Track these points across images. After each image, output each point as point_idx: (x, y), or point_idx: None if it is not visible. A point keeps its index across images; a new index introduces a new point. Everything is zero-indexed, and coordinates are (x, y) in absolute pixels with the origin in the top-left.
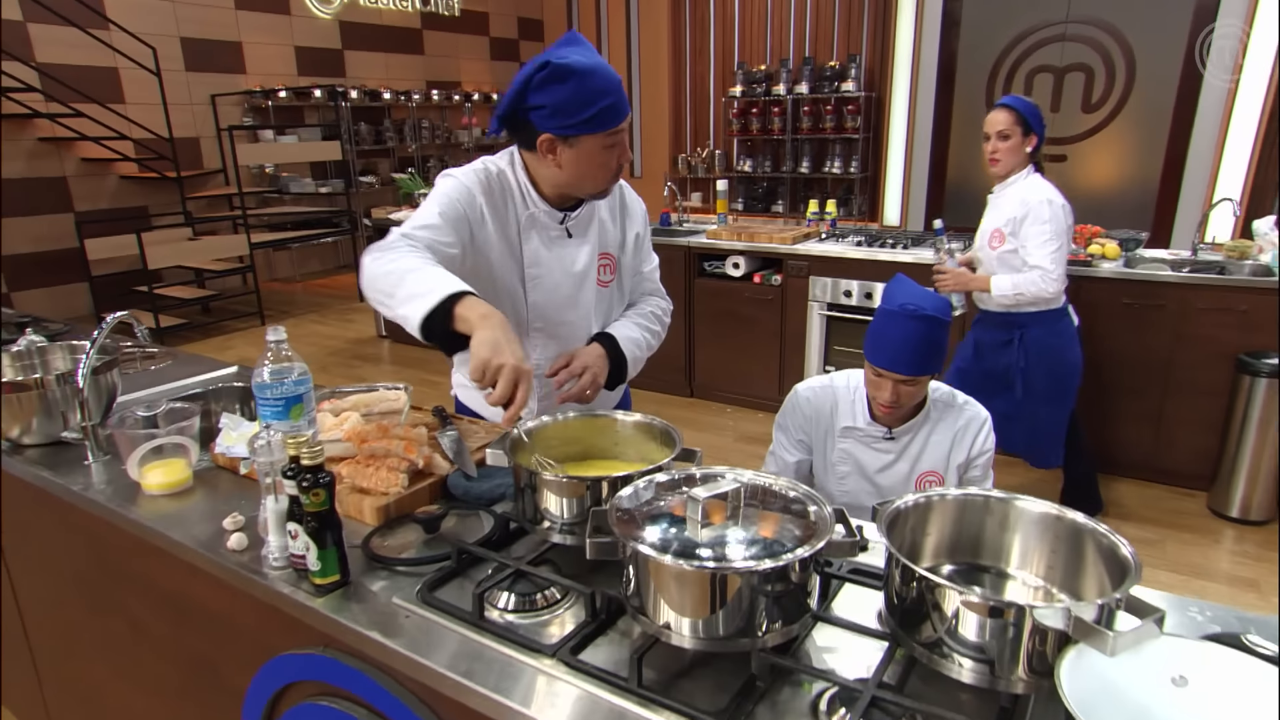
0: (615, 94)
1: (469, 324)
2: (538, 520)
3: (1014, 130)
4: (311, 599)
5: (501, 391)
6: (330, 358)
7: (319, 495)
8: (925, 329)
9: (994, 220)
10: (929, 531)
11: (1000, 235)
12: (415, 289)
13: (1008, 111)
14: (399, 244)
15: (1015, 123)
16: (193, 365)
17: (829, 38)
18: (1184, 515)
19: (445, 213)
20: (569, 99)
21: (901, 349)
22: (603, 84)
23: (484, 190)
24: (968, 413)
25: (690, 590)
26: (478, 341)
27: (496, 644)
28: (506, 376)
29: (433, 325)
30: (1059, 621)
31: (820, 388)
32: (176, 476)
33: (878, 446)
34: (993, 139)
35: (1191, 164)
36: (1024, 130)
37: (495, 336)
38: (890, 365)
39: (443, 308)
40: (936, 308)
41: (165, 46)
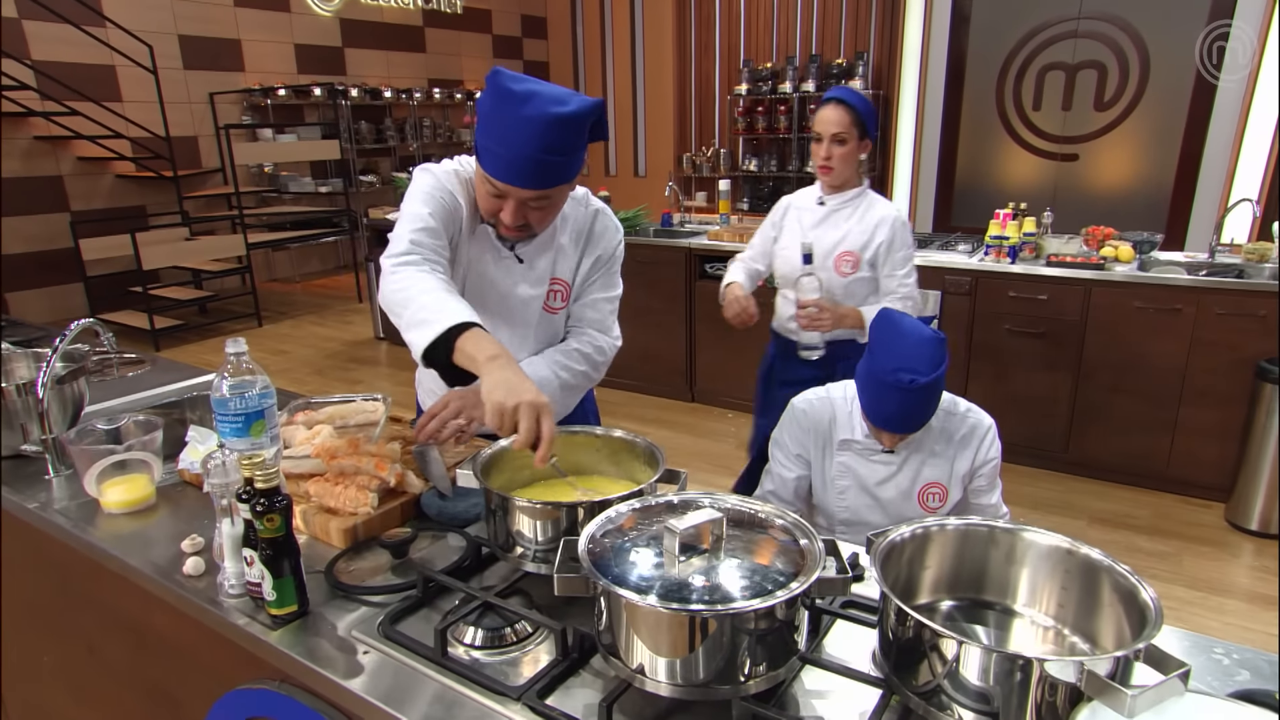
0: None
1: (474, 363)
2: (509, 547)
3: (850, 134)
4: (267, 631)
5: (525, 431)
6: (327, 360)
7: (274, 520)
8: (925, 395)
9: (839, 239)
10: (927, 564)
11: (855, 260)
12: (421, 314)
13: (844, 110)
14: (411, 255)
15: (852, 124)
16: (174, 372)
17: (836, 35)
18: (1200, 528)
19: (436, 213)
20: (483, 110)
21: (899, 416)
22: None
23: (462, 191)
24: (970, 420)
25: (665, 633)
26: (490, 385)
27: (459, 685)
28: (527, 415)
29: (435, 354)
30: (1071, 675)
31: (817, 400)
32: (137, 494)
33: (877, 459)
34: (826, 142)
35: (1207, 163)
36: (860, 133)
37: (505, 377)
38: (890, 429)
39: (445, 339)
40: (933, 364)
41: (163, 44)
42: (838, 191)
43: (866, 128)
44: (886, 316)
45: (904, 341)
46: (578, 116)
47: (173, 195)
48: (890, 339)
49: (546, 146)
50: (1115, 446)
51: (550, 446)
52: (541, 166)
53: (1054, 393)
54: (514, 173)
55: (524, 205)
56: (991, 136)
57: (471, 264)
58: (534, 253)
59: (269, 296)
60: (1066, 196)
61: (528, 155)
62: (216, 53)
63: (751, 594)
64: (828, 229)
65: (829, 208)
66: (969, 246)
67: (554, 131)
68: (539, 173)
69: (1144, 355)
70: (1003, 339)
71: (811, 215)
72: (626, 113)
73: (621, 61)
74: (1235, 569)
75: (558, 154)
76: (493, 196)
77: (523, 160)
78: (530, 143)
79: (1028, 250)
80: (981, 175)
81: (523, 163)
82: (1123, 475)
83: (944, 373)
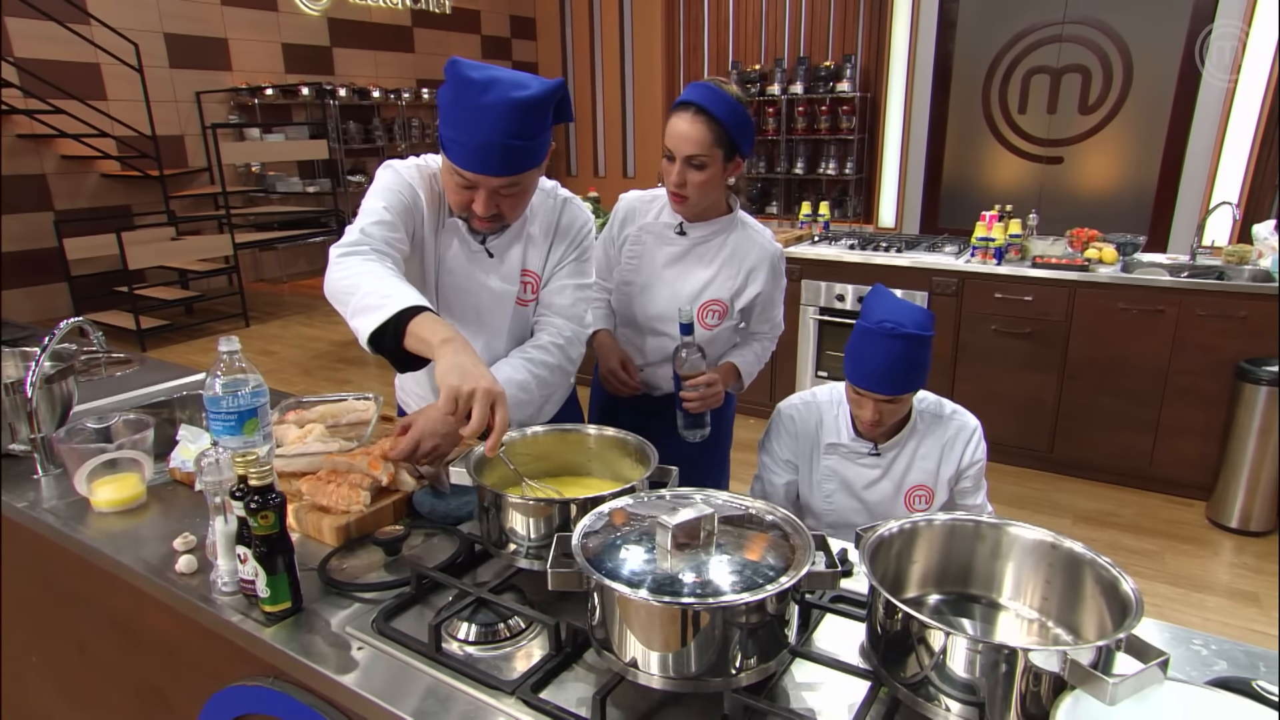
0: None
1: (427, 347)
2: (503, 544)
3: (712, 156)
4: (261, 628)
5: (478, 419)
6: (314, 360)
7: (268, 518)
8: (906, 347)
9: (704, 284)
10: (915, 559)
11: (722, 311)
12: (367, 300)
13: (703, 124)
14: (360, 245)
15: (714, 143)
16: (162, 371)
17: (824, 37)
18: (1182, 525)
19: (392, 207)
20: (445, 103)
21: (881, 369)
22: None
23: (425, 188)
24: (956, 422)
25: (658, 626)
26: (444, 368)
27: (453, 680)
28: (481, 402)
29: (382, 340)
30: (1054, 665)
31: (803, 404)
32: (128, 493)
33: (863, 462)
34: (679, 165)
35: (1189, 166)
36: (726, 154)
37: (461, 361)
38: (870, 385)
39: (394, 323)
40: (917, 323)
41: (148, 42)
42: (700, 219)
43: (736, 145)
44: (879, 288)
45: (892, 301)
46: (540, 99)
47: (159, 195)
48: (880, 300)
49: (511, 132)
50: (1099, 446)
51: (500, 436)
52: (508, 152)
53: (1039, 393)
54: (481, 161)
55: (495, 194)
56: (978, 139)
57: (441, 261)
58: (504, 246)
59: (256, 297)
60: (1051, 199)
61: (493, 142)
62: (203, 51)
63: (742, 588)
64: (689, 268)
65: (691, 240)
66: (955, 248)
67: (518, 116)
68: (506, 159)
69: (1127, 356)
70: (989, 339)
71: (666, 245)
72: (615, 113)
73: (610, 62)
74: (1216, 566)
75: (523, 138)
76: (462, 188)
77: (488, 148)
78: (495, 130)
79: (1013, 252)
80: (968, 177)
81: (488, 150)
82: (1107, 474)
83: (929, 340)
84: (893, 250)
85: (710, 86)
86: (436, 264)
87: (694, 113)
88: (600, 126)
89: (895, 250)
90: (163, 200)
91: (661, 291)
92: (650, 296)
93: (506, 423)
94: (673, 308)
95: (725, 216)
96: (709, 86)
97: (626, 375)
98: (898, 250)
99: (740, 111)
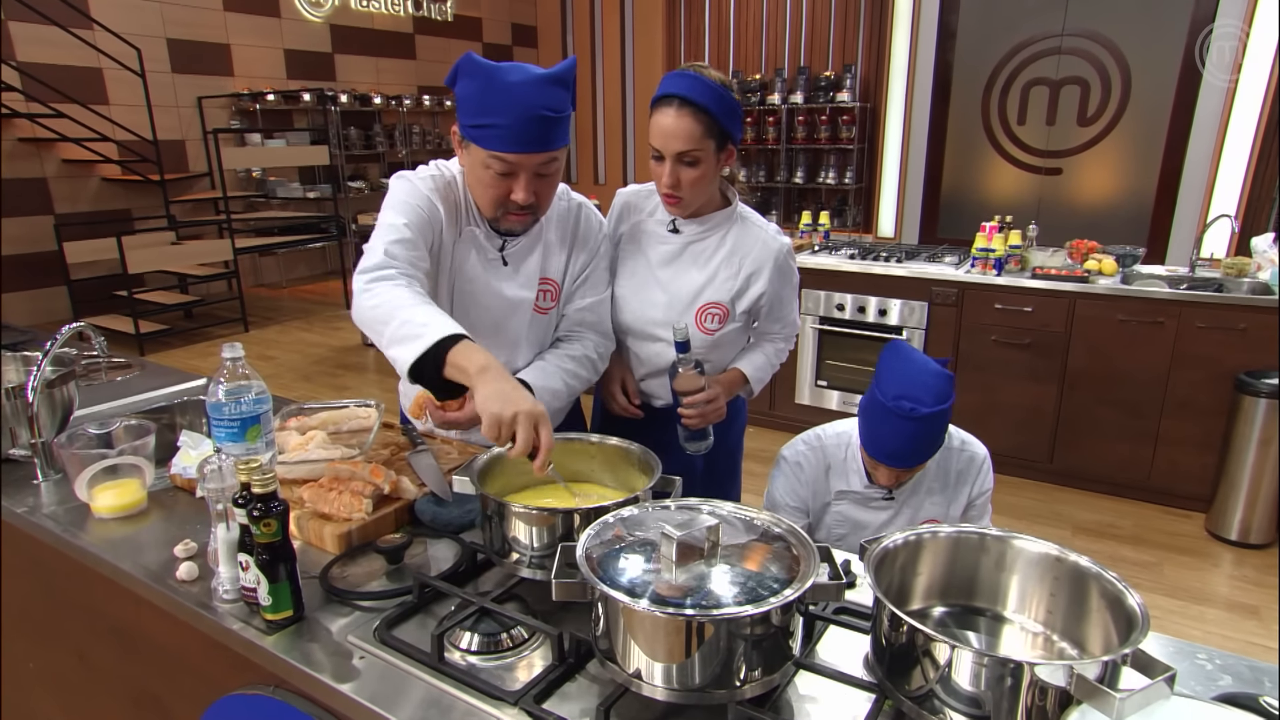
0: (514, 120)
1: (465, 375)
2: (505, 553)
3: (704, 148)
4: (262, 636)
5: (524, 441)
6: (314, 366)
7: (271, 525)
8: (926, 427)
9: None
10: (920, 571)
11: (722, 314)
12: (404, 330)
13: (690, 116)
14: (386, 269)
15: (705, 134)
16: (162, 376)
17: (824, 47)
18: (1181, 537)
19: (412, 223)
20: (469, 95)
21: (900, 447)
22: (502, 103)
23: (441, 197)
24: (965, 454)
25: (662, 637)
26: (484, 397)
27: (456, 690)
28: (524, 426)
29: (423, 369)
30: (1060, 679)
31: (809, 450)
32: (129, 499)
33: (875, 505)
34: (670, 164)
35: (1187, 178)
36: (719, 143)
37: (500, 388)
38: (889, 461)
39: (433, 353)
40: (938, 396)
41: (151, 47)
42: (695, 216)
43: (727, 133)
44: (895, 347)
45: (910, 369)
46: (562, 73)
47: (159, 199)
48: (897, 366)
49: (546, 105)
50: (1099, 457)
51: (548, 455)
52: (546, 125)
53: (1039, 403)
54: (522, 138)
55: (534, 179)
56: (977, 150)
57: (458, 270)
58: (521, 254)
59: (256, 302)
60: (1050, 210)
61: (532, 116)
62: (205, 57)
63: (747, 599)
64: (683, 269)
65: (685, 238)
66: (955, 258)
67: (549, 90)
68: (545, 132)
69: (1127, 367)
70: (989, 350)
71: (661, 247)
72: (616, 122)
73: (611, 71)
74: (1215, 578)
75: (556, 110)
76: (501, 177)
77: (528, 122)
78: (531, 104)
79: (1013, 263)
80: (967, 188)
81: (528, 125)
82: (1106, 485)
83: (949, 409)
84: (893, 260)
85: (690, 74)
86: (452, 273)
87: (678, 105)
88: (601, 134)
89: (895, 260)
90: (163, 205)
91: (657, 295)
92: (644, 301)
93: (552, 441)
94: (669, 313)
95: (722, 211)
96: (688, 74)
97: (626, 399)
98: (898, 260)
99: (726, 96)
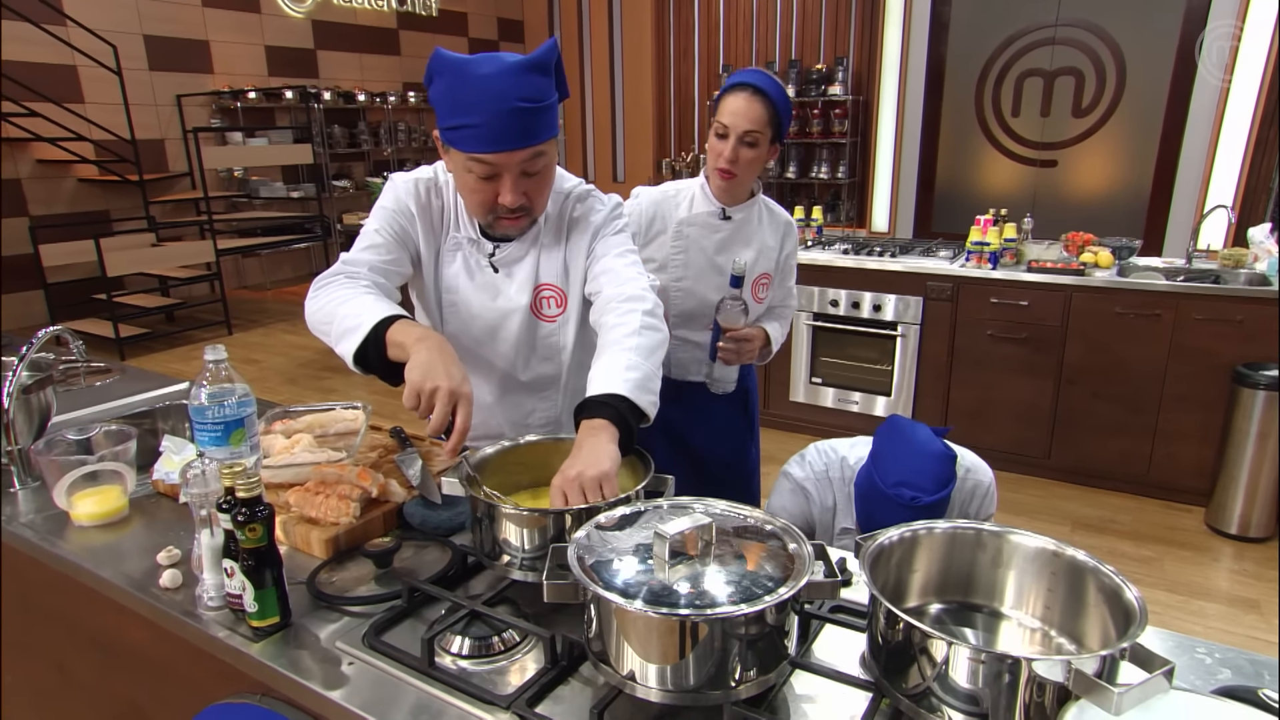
0: (489, 116)
1: (404, 349)
2: (496, 555)
3: (764, 134)
4: (248, 644)
5: (437, 417)
6: (300, 369)
7: (256, 530)
8: (926, 515)
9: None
10: (916, 567)
11: (769, 282)
12: (345, 324)
13: (760, 102)
14: (335, 274)
15: (768, 122)
16: (144, 381)
17: (816, 40)
18: (1181, 532)
19: (384, 229)
20: (442, 95)
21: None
22: (475, 99)
23: (417, 200)
24: (969, 483)
25: (656, 638)
26: (410, 366)
27: (447, 695)
28: (442, 400)
29: (368, 359)
30: (1058, 674)
31: (816, 478)
32: (109, 506)
33: None
34: (732, 140)
35: (1183, 169)
36: (773, 134)
37: (429, 358)
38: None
39: (374, 338)
40: (939, 481)
41: (127, 44)
42: (738, 203)
43: (782, 127)
44: (895, 424)
45: (910, 452)
46: (539, 58)
47: (138, 200)
48: (896, 449)
49: (520, 95)
50: (1097, 451)
51: (462, 438)
52: (523, 118)
53: (1036, 398)
54: (499, 135)
55: (520, 178)
56: (971, 142)
57: (443, 279)
58: (512, 259)
59: (239, 304)
60: (1046, 202)
61: (506, 109)
62: (184, 54)
63: (741, 598)
64: (736, 251)
65: (735, 223)
66: (950, 252)
67: (523, 78)
68: (522, 126)
69: (1124, 360)
70: (985, 344)
71: (713, 233)
72: (605, 117)
73: (600, 65)
74: (1215, 573)
75: (534, 100)
76: (484, 180)
77: (502, 116)
78: (505, 96)
79: (1008, 256)
80: (962, 181)
81: (503, 120)
82: (1105, 480)
83: (949, 494)
84: (887, 255)
85: (762, 71)
86: (438, 282)
87: (752, 92)
88: (590, 131)
89: (890, 255)
90: (143, 206)
91: (715, 278)
92: (707, 285)
93: (467, 425)
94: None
95: (754, 197)
96: (761, 71)
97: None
98: (892, 255)
99: (787, 97)
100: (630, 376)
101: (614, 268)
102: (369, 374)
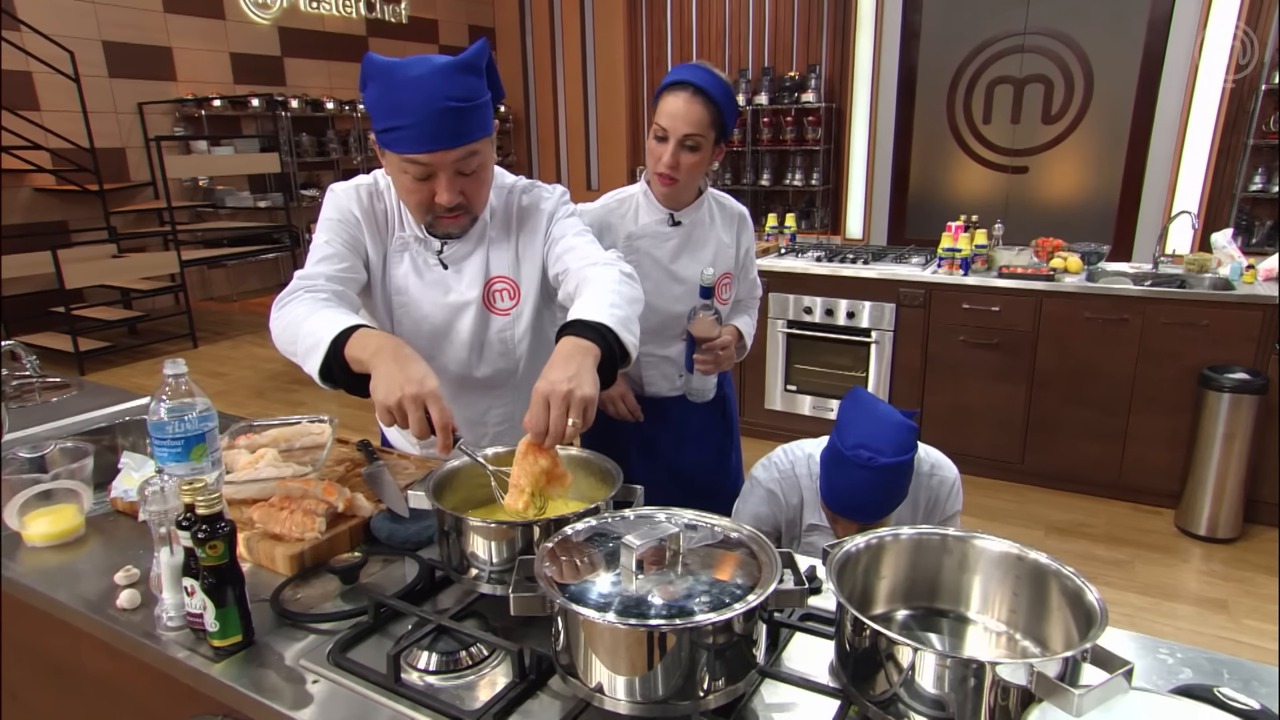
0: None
1: (363, 366)
2: (464, 569)
3: (707, 137)
4: (209, 664)
5: (414, 426)
6: (267, 382)
7: (217, 548)
8: (884, 477)
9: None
10: (883, 574)
11: (731, 281)
12: (307, 342)
13: (701, 103)
14: (294, 291)
15: (710, 124)
16: (103, 396)
17: (788, 48)
18: (1151, 534)
19: (333, 239)
20: (374, 99)
21: (858, 499)
22: (405, 100)
23: (360, 205)
24: (934, 480)
25: (623, 650)
26: (373, 385)
27: (414, 711)
28: (412, 408)
29: (334, 375)
30: (1021, 678)
31: (782, 478)
32: (64, 525)
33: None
34: (671, 144)
35: (1150, 175)
36: (718, 135)
37: (388, 370)
38: (846, 514)
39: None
40: (897, 447)
41: (85, 50)
42: (685, 206)
43: (726, 127)
44: (856, 395)
45: (871, 419)
46: (467, 58)
47: (98, 210)
48: (858, 417)
49: (448, 94)
50: (1069, 456)
51: (446, 433)
52: (452, 117)
53: (1009, 403)
54: (429, 135)
55: (455, 177)
56: (943, 149)
57: (391, 281)
58: (461, 255)
59: (205, 316)
60: (1017, 208)
61: (434, 109)
62: (145, 61)
63: (709, 608)
64: (692, 255)
65: (686, 228)
66: (922, 259)
67: (451, 78)
68: (452, 125)
69: (1094, 365)
70: (957, 350)
71: (665, 242)
72: (578, 125)
73: (572, 73)
74: (1185, 574)
75: (463, 100)
76: (419, 181)
77: (431, 116)
78: (432, 96)
79: (980, 262)
80: (934, 188)
81: (431, 119)
82: (1077, 484)
83: (910, 461)
84: (860, 262)
85: (704, 67)
86: (386, 285)
87: (692, 92)
88: (563, 138)
89: (863, 262)
90: (103, 216)
91: (674, 288)
92: (665, 296)
93: (446, 419)
94: (689, 299)
95: (702, 196)
96: (702, 67)
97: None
98: (865, 262)
99: (731, 94)
100: (615, 313)
101: (576, 245)
102: (337, 389)
